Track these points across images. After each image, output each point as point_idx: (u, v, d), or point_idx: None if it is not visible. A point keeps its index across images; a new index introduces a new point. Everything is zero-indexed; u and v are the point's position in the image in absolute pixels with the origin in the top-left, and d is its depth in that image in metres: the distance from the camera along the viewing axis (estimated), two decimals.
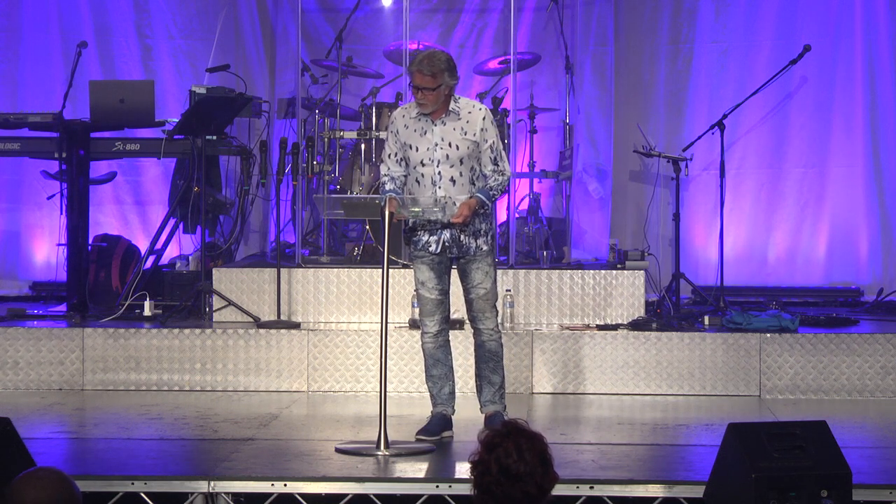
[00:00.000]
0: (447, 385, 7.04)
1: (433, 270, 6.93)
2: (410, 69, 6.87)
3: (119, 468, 6.27)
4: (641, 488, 5.99)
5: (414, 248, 6.97)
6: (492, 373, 7.05)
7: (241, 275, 9.21)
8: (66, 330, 8.67)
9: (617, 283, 9.09)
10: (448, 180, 6.84)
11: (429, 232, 6.89)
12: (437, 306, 6.96)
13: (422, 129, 6.88)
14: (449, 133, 6.85)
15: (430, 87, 6.77)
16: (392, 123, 6.97)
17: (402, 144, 6.91)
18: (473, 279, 6.95)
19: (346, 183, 10.04)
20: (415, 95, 6.83)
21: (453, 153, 6.84)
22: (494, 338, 7.02)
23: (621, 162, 11.03)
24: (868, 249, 10.82)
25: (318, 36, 11.25)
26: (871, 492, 5.89)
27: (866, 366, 8.41)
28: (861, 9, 10.79)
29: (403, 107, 7.05)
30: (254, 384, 8.53)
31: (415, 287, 7.04)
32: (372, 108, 10.03)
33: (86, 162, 9.65)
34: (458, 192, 6.84)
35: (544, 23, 11.09)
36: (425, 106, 6.82)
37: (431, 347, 7.01)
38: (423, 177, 6.87)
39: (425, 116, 6.87)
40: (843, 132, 10.85)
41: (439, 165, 6.84)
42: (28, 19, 11.22)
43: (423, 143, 6.86)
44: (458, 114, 6.88)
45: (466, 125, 6.87)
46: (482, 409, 7.07)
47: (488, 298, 6.98)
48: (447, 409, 7.03)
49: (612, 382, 8.47)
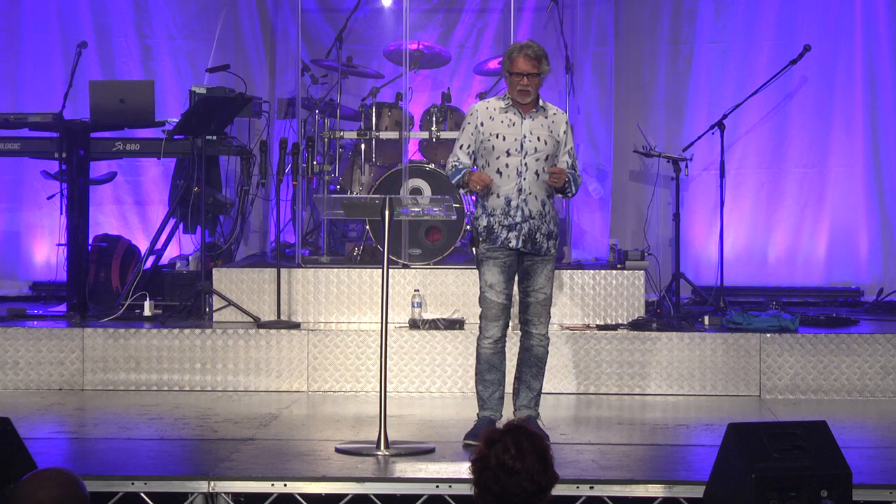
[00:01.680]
0: (498, 390, 6.96)
1: (504, 273, 6.85)
2: (512, 56, 6.81)
3: (119, 468, 6.27)
4: (641, 488, 5.99)
5: (489, 246, 6.85)
6: (533, 378, 6.98)
7: (241, 275, 9.20)
8: (66, 330, 8.67)
9: (617, 283, 9.08)
10: (533, 173, 6.82)
11: (507, 228, 6.82)
12: (502, 311, 6.87)
13: (510, 121, 6.85)
14: (537, 128, 6.86)
15: (534, 72, 6.77)
16: (472, 115, 6.92)
17: (483, 136, 6.84)
18: (537, 282, 6.89)
19: (346, 183, 10.05)
20: (515, 84, 6.80)
21: (541, 147, 6.84)
22: (543, 344, 6.97)
23: (621, 162, 11.03)
24: (868, 249, 10.82)
25: (318, 36, 11.26)
26: (871, 492, 5.89)
27: (866, 366, 8.41)
28: (861, 9, 10.79)
29: (485, 100, 7.01)
30: (254, 384, 8.53)
31: (480, 291, 6.92)
32: (372, 108, 10.03)
33: (86, 162, 9.65)
34: (539, 188, 6.83)
35: (544, 23, 11.09)
36: (527, 94, 6.81)
37: (489, 353, 6.91)
38: (507, 167, 6.82)
39: (514, 109, 6.85)
40: (843, 132, 10.84)
41: (527, 157, 6.82)
42: (28, 19, 11.22)
43: (510, 134, 6.83)
44: (545, 111, 6.90)
45: (552, 124, 6.89)
46: (516, 412, 6.98)
47: (546, 304, 6.93)
48: (495, 413, 6.95)
49: (612, 382, 8.47)
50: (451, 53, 10.95)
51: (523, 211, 6.81)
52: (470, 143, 6.91)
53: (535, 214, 6.83)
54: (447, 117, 10.06)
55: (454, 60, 11.06)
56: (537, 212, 6.84)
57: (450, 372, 8.49)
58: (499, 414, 6.97)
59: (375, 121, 10.00)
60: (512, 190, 6.81)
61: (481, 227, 6.87)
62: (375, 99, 10.10)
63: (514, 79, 6.81)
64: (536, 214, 6.83)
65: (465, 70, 11.26)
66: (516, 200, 6.81)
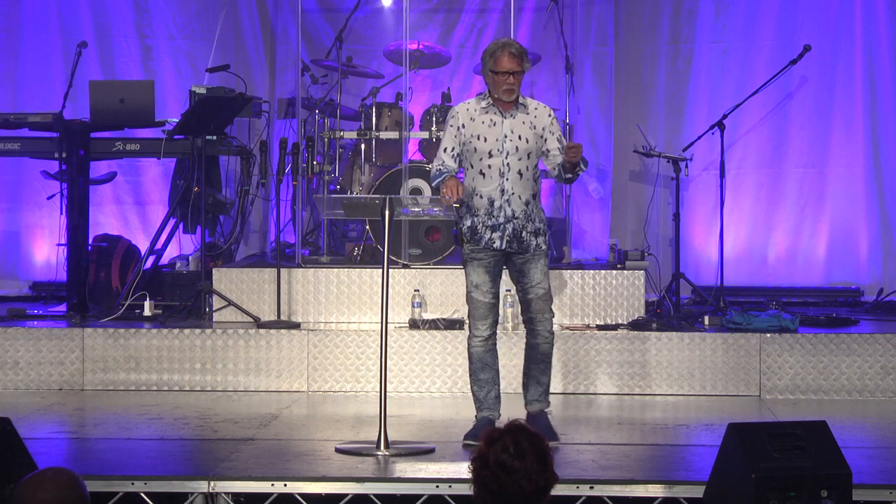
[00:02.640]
0: (494, 389, 6.96)
1: (489, 273, 6.86)
2: (495, 54, 6.77)
3: (119, 468, 6.27)
4: (641, 488, 5.99)
5: (473, 247, 6.86)
6: (541, 374, 6.99)
7: (241, 275, 9.20)
8: (66, 330, 8.67)
9: (617, 283, 9.08)
10: (516, 173, 6.81)
11: (491, 228, 6.82)
12: (489, 310, 6.88)
13: (490, 121, 6.83)
14: (518, 126, 6.84)
15: (518, 69, 6.76)
16: (454, 118, 6.90)
17: (465, 138, 6.83)
18: (533, 278, 6.87)
19: (346, 183, 10.05)
20: (500, 83, 6.76)
21: (522, 146, 6.81)
22: (549, 340, 6.95)
23: (621, 162, 11.03)
24: (868, 249, 10.82)
25: (318, 36, 11.26)
26: (871, 492, 5.89)
27: (866, 366, 8.41)
28: (861, 9, 10.79)
29: (464, 102, 6.97)
30: (254, 384, 8.53)
31: (466, 291, 6.93)
32: (372, 108, 10.03)
33: (86, 162, 9.65)
34: (522, 188, 6.82)
35: (544, 23, 11.09)
36: (512, 91, 6.78)
37: (481, 351, 6.92)
38: (489, 168, 6.81)
39: (494, 108, 6.83)
40: (843, 132, 10.84)
41: (508, 157, 6.80)
42: (28, 19, 11.22)
43: (491, 134, 6.82)
44: (526, 108, 6.87)
45: (534, 119, 6.86)
46: (527, 406, 7.01)
47: (547, 299, 6.91)
48: (493, 413, 6.95)
49: (612, 382, 8.47)
50: (451, 53, 10.95)
51: (506, 211, 6.81)
52: (454, 146, 6.89)
53: (519, 214, 6.82)
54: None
55: (454, 60, 11.06)
56: (521, 211, 6.83)
57: (450, 372, 8.49)
58: (497, 413, 6.97)
59: (375, 121, 10.00)
60: (495, 190, 6.80)
61: (465, 227, 6.88)
62: (375, 99, 10.10)
63: (500, 78, 6.78)
64: (521, 214, 6.82)
65: (465, 70, 11.26)
66: (499, 201, 6.81)
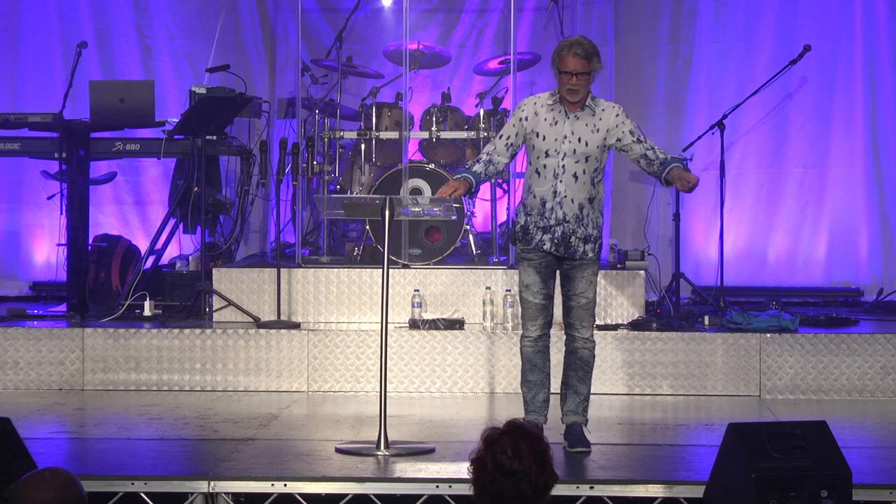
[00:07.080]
0: (542, 392, 6.82)
1: (539, 274, 6.73)
2: (562, 53, 6.61)
3: (119, 468, 6.27)
4: (641, 488, 5.99)
5: (525, 246, 6.75)
6: (579, 382, 6.82)
7: (241, 275, 9.21)
8: (66, 330, 8.67)
9: (617, 283, 9.08)
10: (571, 175, 6.66)
11: (542, 230, 6.69)
12: (540, 311, 6.75)
13: (553, 119, 6.69)
14: (580, 128, 6.67)
15: (584, 70, 6.59)
16: (520, 109, 6.77)
17: (526, 132, 6.70)
18: (577, 287, 6.74)
19: (346, 183, 10.05)
20: (564, 83, 6.62)
21: (581, 148, 6.66)
22: (588, 346, 6.81)
23: (621, 162, 11.00)
24: (868, 249, 10.82)
25: (318, 36, 11.25)
26: (871, 492, 5.89)
27: (866, 366, 8.41)
28: (861, 9, 10.79)
29: (535, 95, 6.82)
30: (254, 384, 8.53)
31: (518, 290, 6.84)
32: (372, 109, 10.03)
33: (86, 162, 9.65)
34: (577, 190, 6.67)
35: (544, 23, 11.09)
36: (576, 93, 6.63)
37: (531, 352, 6.80)
38: (545, 168, 6.68)
39: (560, 107, 6.69)
40: (843, 132, 10.84)
41: (565, 158, 6.65)
42: (28, 19, 11.22)
43: (551, 133, 6.68)
44: (593, 110, 6.71)
45: (599, 122, 6.69)
46: (563, 418, 6.85)
47: (589, 308, 6.78)
48: (539, 417, 6.81)
49: (612, 382, 8.47)
50: (451, 53, 10.95)
51: (557, 214, 6.66)
52: (510, 135, 6.76)
53: (571, 218, 6.67)
54: (447, 117, 10.06)
55: (454, 60, 11.06)
56: (573, 215, 6.67)
57: (450, 372, 8.50)
58: (543, 418, 6.83)
59: (375, 121, 10.00)
60: (548, 191, 6.67)
61: (518, 225, 6.77)
62: (375, 99, 10.10)
63: (564, 77, 6.62)
64: (572, 218, 6.67)
65: (465, 70, 11.27)
66: (551, 202, 6.67)
